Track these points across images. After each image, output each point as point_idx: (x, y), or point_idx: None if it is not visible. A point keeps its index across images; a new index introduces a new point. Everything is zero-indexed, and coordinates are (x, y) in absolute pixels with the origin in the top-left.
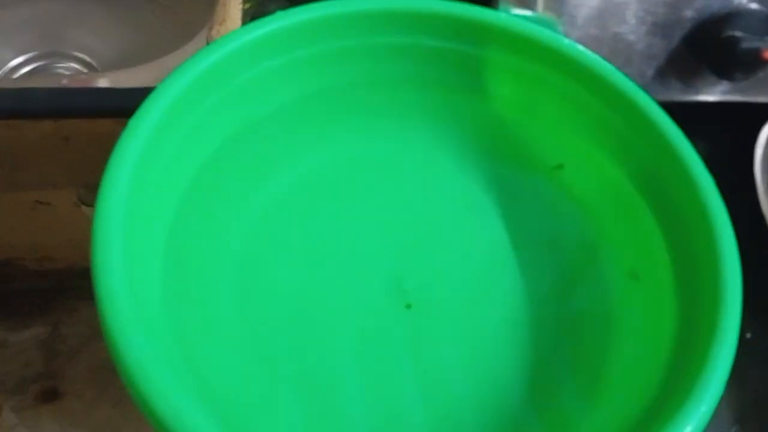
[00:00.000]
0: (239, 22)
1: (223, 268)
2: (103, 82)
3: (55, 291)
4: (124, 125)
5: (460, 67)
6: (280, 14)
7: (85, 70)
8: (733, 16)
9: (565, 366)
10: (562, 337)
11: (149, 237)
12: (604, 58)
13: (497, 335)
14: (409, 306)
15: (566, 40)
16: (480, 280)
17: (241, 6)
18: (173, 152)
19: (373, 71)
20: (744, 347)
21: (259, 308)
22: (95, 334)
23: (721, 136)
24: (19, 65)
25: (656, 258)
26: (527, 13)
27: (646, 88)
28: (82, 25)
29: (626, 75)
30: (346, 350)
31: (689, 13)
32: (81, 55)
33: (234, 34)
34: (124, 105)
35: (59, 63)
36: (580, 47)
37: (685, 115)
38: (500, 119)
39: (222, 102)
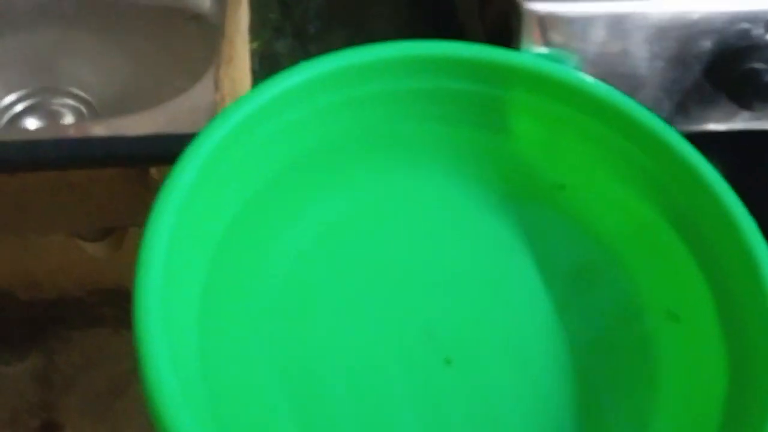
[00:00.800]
0: (247, 61)
1: (256, 323)
2: (108, 129)
3: (47, 321)
4: (126, 173)
5: (484, 108)
6: (304, 65)
7: (82, 108)
8: (753, 49)
9: (612, 415)
10: (606, 382)
11: (186, 296)
12: (623, 93)
13: (540, 383)
14: (448, 361)
15: (589, 79)
16: (516, 327)
17: (248, 45)
18: (207, 206)
19: (396, 115)
20: None
21: (293, 362)
22: (89, 363)
23: (738, 158)
24: (12, 103)
25: (698, 299)
26: (545, 50)
27: (664, 120)
28: (76, 57)
29: (651, 111)
30: (385, 406)
31: (705, 47)
32: (77, 91)
33: (262, 88)
34: (131, 153)
35: (54, 100)
36: (604, 86)
37: (700, 142)
38: (524, 158)
39: (250, 154)
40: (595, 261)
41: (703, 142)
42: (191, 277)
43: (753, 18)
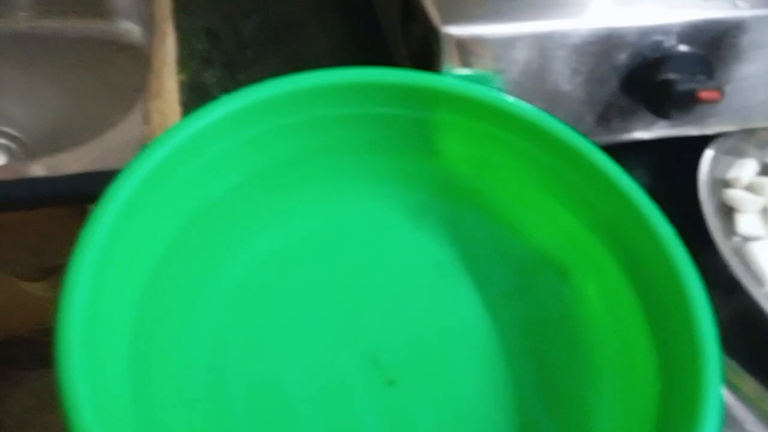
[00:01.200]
0: (176, 94)
1: (192, 355)
2: (40, 169)
3: None
4: (63, 212)
5: (412, 131)
6: (228, 97)
7: (12, 146)
8: (666, 60)
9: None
10: (543, 395)
11: (113, 335)
12: (545, 110)
13: (479, 400)
14: (391, 382)
15: (510, 99)
16: (456, 347)
17: (176, 77)
18: (135, 241)
19: (323, 142)
20: None
21: (232, 394)
22: (41, 404)
23: (659, 164)
24: None
25: (625, 304)
26: (467, 71)
27: (586, 133)
28: (4, 94)
29: (570, 126)
30: None
31: (621, 60)
32: (6, 129)
33: (187, 121)
34: (65, 192)
35: None
36: (524, 104)
37: (625, 149)
38: (456, 178)
39: (179, 187)
40: (529, 268)
41: (624, 150)
42: (119, 318)
43: (665, 30)
